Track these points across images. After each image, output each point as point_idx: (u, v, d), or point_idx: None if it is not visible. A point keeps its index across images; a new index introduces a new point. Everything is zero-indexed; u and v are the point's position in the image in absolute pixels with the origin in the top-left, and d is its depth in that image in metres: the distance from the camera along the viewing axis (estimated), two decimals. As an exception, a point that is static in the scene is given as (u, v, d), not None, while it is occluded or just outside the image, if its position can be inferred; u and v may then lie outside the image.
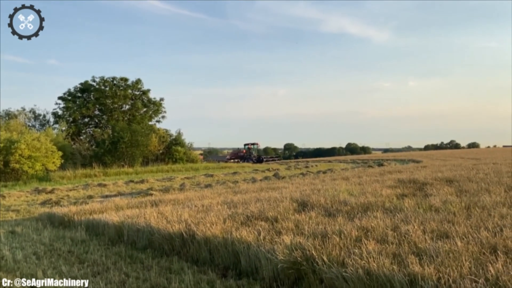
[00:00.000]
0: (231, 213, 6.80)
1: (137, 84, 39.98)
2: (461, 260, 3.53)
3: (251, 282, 4.40)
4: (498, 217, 5.33)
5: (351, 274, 3.59)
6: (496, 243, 4.05)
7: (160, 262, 5.40)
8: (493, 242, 4.09)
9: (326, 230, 5.06)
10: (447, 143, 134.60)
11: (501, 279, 3.08)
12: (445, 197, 7.22)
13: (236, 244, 4.92)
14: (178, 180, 19.21)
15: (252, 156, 51.37)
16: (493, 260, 3.54)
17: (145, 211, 7.80)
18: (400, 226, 5.06)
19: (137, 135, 31.75)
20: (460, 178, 10.25)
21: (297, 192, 9.44)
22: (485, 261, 3.52)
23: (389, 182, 10.24)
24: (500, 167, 13.97)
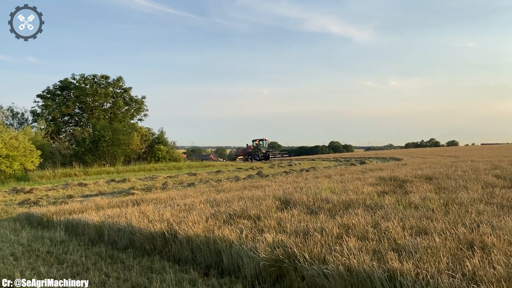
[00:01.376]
0: (214, 211, 6.77)
1: (118, 81, 39.40)
2: (439, 256, 3.60)
3: (233, 280, 4.40)
4: (475, 213, 5.46)
5: (332, 271, 3.62)
6: (473, 238, 4.15)
7: (142, 262, 5.35)
8: (470, 238, 4.19)
9: (308, 227, 5.10)
10: (427, 141, 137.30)
11: (478, 274, 3.16)
12: (424, 194, 7.36)
13: (218, 242, 4.90)
14: (160, 179, 19.02)
15: (259, 152, 48.54)
16: (470, 255, 3.62)
17: (126, 211, 7.70)
18: (381, 223, 5.13)
19: (119, 133, 31.28)
20: (439, 175, 10.47)
21: (280, 190, 9.48)
22: (462, 257, 3.60)
23: (371, 180, 10.38)
24: (478, 164, 14.32)
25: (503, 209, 5.72)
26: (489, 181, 8.84)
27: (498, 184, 8.40)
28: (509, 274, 3.09)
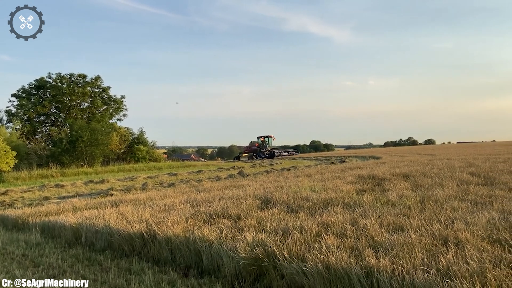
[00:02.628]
0: (194, 212, 6.73)
1: (96, 81, 38.75)
2: (415, 252, 3.68)
3: (212, 280, 4.38)
4: (450, 210, 5.60)
5: (310, 269, 3.65)
6: (447, 235, 4.25)
7: (120, 264, 5.27)
8: (445, 234, 4.29)
9: (287, 226, 5.12)
10: (405, 140, 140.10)
11: (452, 269, 3.24)
12: (402, 191, 7.51)
13: (198, 243, 4.87)
14: (140, 180, 18.77)
15: (264, 150, 45.88)
16: (444, 251, 3.71)
17: (104, 212, 7.58)
18: (359, 220, 5.21)
19: (97, 133, 30.75)
20: (416, 173, 10.69)
21: (261, 189, 9.50)
22: (437, 252, 3.69)
23: (350, 178, 10.51)
24: (453, 162, 14.68)
25: (476, 206, 5.89)
26: (464, 178, 9.08)
27: (472, 181, 8.63)
28: (482, 269, 3.18)
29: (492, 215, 4.96)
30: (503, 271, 3.13)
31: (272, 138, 49.05)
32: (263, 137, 47.90)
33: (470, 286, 2.92)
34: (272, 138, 48.90)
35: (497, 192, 6.89)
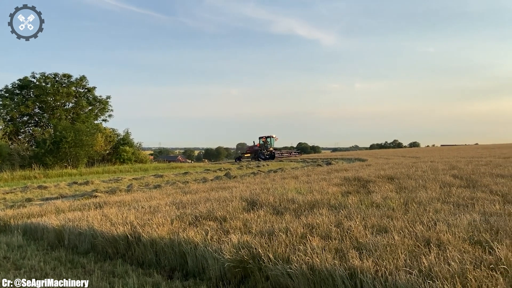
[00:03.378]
0: (180, 213, 6.70)
1: (81, 81, 38.19)
2: (398, 253, 3.72)
3: (197, 282, 4.36)
4: (433, 212, 5.69)
5: (295, 270, 3.67)
6: (430, 236, 4.32)
7: (103, 266, 5.21)
8: (427, 235, 4.36)
9: (273, 228, 5.14)
10: (391, 143, 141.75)
11: (434, 270, 3.28)
12: (386, 193, 7.60)
13: (183, 245, 4.85)
14: (125, 181, 18.57)
15: (265, 151, 44.49)
16: (427, 252, 3.77)
17: (88, 214, 7.48)
18: (343, 222, 5.25)
19: (82, 134, 30.28)
20: (401, 175, 10.83)
21: (247, 191, 9.49)
22: (419, 254, 3.74)
23: (336, 180, 10.59)
24: (437, 165, 14.92)
25: (458, 208, 5.99)
26: (447, 180, 9.24)
27: (455, 183, 8.79)
28: (463, 270, 3.24)
29: (473, 217, 5.05)
30: (483, 272, 3.18)
31: (275, 139, 47.65)
32: (265, 137, 46.54)
33: (451, 287, 2.97)
34: (274, 138, 47.47)
35: (478, 194, 7.02)
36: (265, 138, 46.50)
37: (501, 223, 4.68)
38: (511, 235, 4.16)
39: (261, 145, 46.03)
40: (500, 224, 4.63)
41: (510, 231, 4.29)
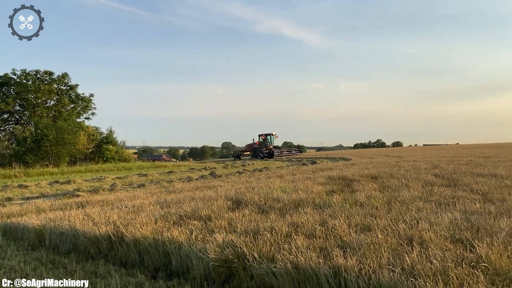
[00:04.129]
0: (164, 213, 6.63)
1: (63, 78, 37.51)
2: (381, 252, 3.76)
3: (181, 282, 4.33)
4: (415, 211, 5.77)
5: (280, 269, 3.67)
6: (412, 234, 4.37)
7: (85, 267, 5.12)
8: (410, 233, 4.42)
9: (258, 227, 5.13)
10: (374, 142, 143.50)
11: (416, 268, 3.33)
12: (370, 192, 7.68)
13: (167, 244, 4.80)
14: (108, 180, 18.31)
15: (263, 149, 42.40)
16: (409, 250, 3.81)
17: (70, 213, 7.35)
18: (328, 221, 5.28)
19: (63, 132, 29.73)
20: (384, 174, 10.96)
21: (232, 190, 9.47)
22: (402, 252, 3.78)
23: (320, 179, 10.65)
24: (419, 164, 15.16)
25: (440, 206, 6.09)
26: (429, 180, 9.39)
27: (436, 182, 8.94)
28: (444, 267, 3.29)
29: (454, 216, 5.14)
30: (465, 269, 3.24)
31: (275, 136, 45.75)
32: (264, 135, 44.83)
33: (433, 284, 3.01)
34: (274, 136, 45.62)
35: (459, 193, 7.16)
36: (265, 136, 44.85)
37: (481, 221, 4.78)
38: (491, 233, 4.24)
39: (261, 143, 44.48)
40: (480, 222, 4.72)
41: (490, 229, 4.38)
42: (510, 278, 3.14)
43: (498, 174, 9.88)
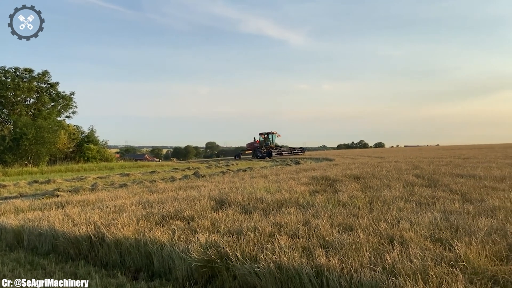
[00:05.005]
0: (146, 213, 6.56)
1: (44, 76, 36.77)
2: (363, 251, 3.80)
3: (163, 283, 4.28)
4: (396, 210, 5.86)
5: (263, 269, 3.67)
6: (393, 234, 4.43)
7: (65, 268, 5.02)
8: (391, 233, 4.48)
9: (241, 227, 5.12)
10: (357, 143, 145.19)
11: (396, 267, 3.37)
12: (352, 192, 7.75)
13: (149, 245, 4.75)
14: (89, 180, 18.01)
15: (262, 149, 40.77)
16: (390, 250, 3.86)
17: (49, 214, 7.19)
18: (311, 220, 5.31)
19: (43, 131, 29.15)
20: (366, 175, 11.09)
21: (216, 190, 9.43)
22: (383, 251, 3.83)
23: (304, 180, 10.71)
24: (401, 165, 15.39)
25: (420, 206, 6.20)
26: (410, 180, 9.54)
27: (417, 183, 9.09)
28: (424, 266, 3.34)
29: (434, 215, 5.24)
30: (444, 268, 3.30)
31: (276, 135, 43.83)
32: (265, 134, 43.09)
33: (413, 283, 3.05)
34: (276, 135, 43.70)
35: (439, 193, 7.29)
36: (265, 135, 43.11)
37: (460, 221, 4.88)
38: (470, 232, 4.34)
39: (261, 142, 42.94)
40: (459, 222, 4.82)
41: (469, 229, 4.48)
42: (488, 277, 3.22)
43: (476, 175, 10.11)
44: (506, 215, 5.23)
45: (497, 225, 4.61)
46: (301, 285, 3.48)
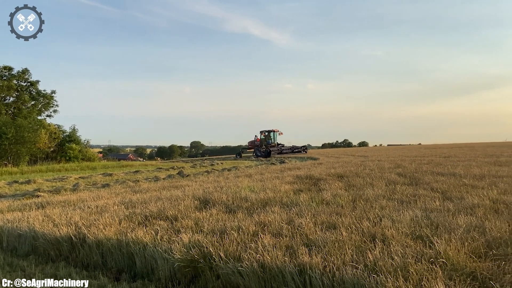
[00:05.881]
0: (129, 213, 6.48)
1: (24, 74, 35.99)
2: (345, 249, 3.84)
3: (146, 283, 4.24)
4: (379, 208, 5.93)
5: (246, 268, 3.66)
6: (375, 232, 4.49)
7: (45, 269, 4.92)
8: (373, 231, 4.53)
9: (225, 226, 5.11)
10: (341, 142, 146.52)
11: (378, 264, 3.42)
12: (336, 191, 7.82)
13: (132, 245, 4.69)
14: (71, 180, 17.70)
15: (262, 148, 38.97)
16: (372, 247, 3.91)
17: (29, 214, 7.05)
18: (295, 219, 5.33)
19: (23, 130, 28.52)
20: (350, 173, 11.20)
21: (200, 190, 9.39)
22: (365, 249, 3.87)
23: (288, 179, 10.74)
24: (383, 163, 15.59)
25: (402, 204, 6.29)
26: (392, 178, 9.67)
27: (399, 181, 9.22)
28: (405, 263, 3.39)
29: (415, 213, 5.32)
30: (424, 265, 3.36)
31: (279, 133, 41.96)
32: (265, 132, 41.28)
33: (394, 280, 3.09)
34: (278, 133, 41.81)
35: (420, 192, 7.41)
36: (265, 133, 41.36)
37: (440, 218, 4.97)
38: (449, 230, 4.42)
39: (262, 140, 41.16)
40: (439, 219, 4.91)
41: (449, 226, 4.56)
42: (466, 273, 3.28)
43: (456, 173, 10.32)
44: (485, 212, 5.35)
45: (476, 222, 4.71)
46: (284, 284, 3.50)
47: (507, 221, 4.76)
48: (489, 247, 3.85)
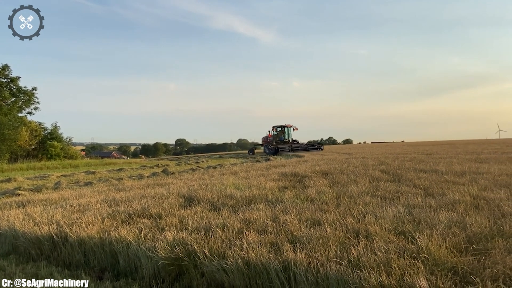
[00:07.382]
0: (112, 211, 6.40)
1: (3, 70, 35.10)
2: (329, 245, 3.86)
3: (129, 282, 4.19)
4: (362, 205, 5.99)
5: (231, 266, 3.66)
6: (359, 228, 4.53)
7: (26, 269, 4.82)
8: (357, 227, 4.58)
9: (210, 224, 5.09)
10: (326, 139, 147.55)
11: (361, 260, 3.45)
12: (320, 188, 7.87)
13: (115, 244, 4.63)
14: (53, 178, 17.38)
15: (270, 145, 36.52)
16: (356, 243, 3.95)
17: (9, 213, 6.90)
18: (280, 216, 5.34)
19: (3, 128, 27.88)
20: (334, 171, 11.28)
21: (185, 187, 9.33)
22: (349, 245, 3.91)
23: (273, 176, 10.76)
24: (367, 161, 15.76)
25: (385, 201, 6.37)
26: (376, 175, 9.79)
27: (383, 178, 9.33)
28: (388, 259, 3.44)
29: (398, 209, 5.39)
30: (406, 260, 3.40)
31: (293, 129, 39.57)
32: (277, 128, 38.96)
33: (377, 275, 3.13)
34: (292, 128, 39.46)
35: (403, 188, 7.52)
36: (278, 129, 38.98)
37: (422, 214, 5.05)
38: (431, 225, 4.50)
39: (274, 136, 38.84)
40: (422, 215, 4.99)
41: (431, 222, 4.64)
42: (448, 268, 3.34)
43: (438, 170, 10.50)
44: (466, 208, 5.45)
45: (457, 218, 4.80)
46: (268, 281, 3.50)
47: (487, 216, 4.86)
48: (469, 242, 3.93)
